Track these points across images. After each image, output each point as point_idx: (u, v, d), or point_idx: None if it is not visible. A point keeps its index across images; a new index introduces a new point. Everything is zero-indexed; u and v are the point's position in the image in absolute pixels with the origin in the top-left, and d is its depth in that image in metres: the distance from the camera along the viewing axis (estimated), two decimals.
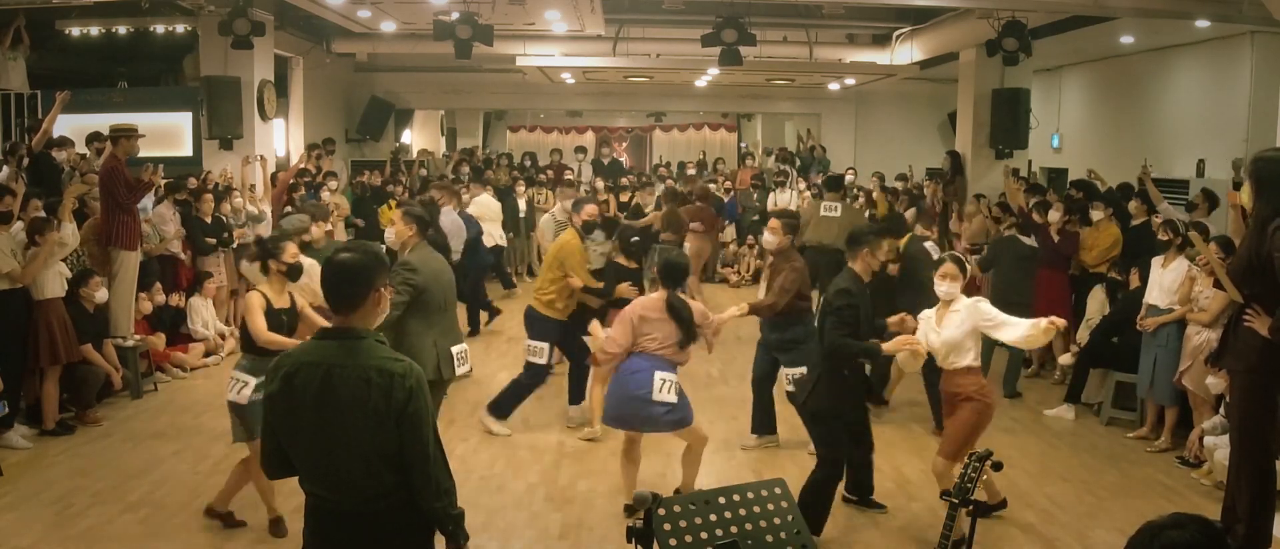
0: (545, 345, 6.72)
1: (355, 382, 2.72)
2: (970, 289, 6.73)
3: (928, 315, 5.02)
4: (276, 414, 2.83)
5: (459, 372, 5.47)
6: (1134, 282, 7.35)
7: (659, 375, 4.99)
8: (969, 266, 5.64)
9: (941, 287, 4.97)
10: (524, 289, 11.96)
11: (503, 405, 6.78)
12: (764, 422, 6.55)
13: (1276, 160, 4.33)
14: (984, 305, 4.92)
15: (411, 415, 2.73)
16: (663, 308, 5.09)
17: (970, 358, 4.87)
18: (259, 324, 4.73)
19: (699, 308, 5.26)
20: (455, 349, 5.40)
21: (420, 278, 5.28)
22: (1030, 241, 8.19)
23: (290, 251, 4.98)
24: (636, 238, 7.07)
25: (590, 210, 7.17)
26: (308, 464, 2.82)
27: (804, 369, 5.82)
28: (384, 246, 6.81)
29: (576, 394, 7.00)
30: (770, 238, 6.25)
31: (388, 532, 2.81)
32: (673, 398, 5.03)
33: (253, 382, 4.68)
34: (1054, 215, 8.30)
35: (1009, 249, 8.18)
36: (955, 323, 4.87)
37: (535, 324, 6.78)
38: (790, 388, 5.99)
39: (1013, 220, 8.57)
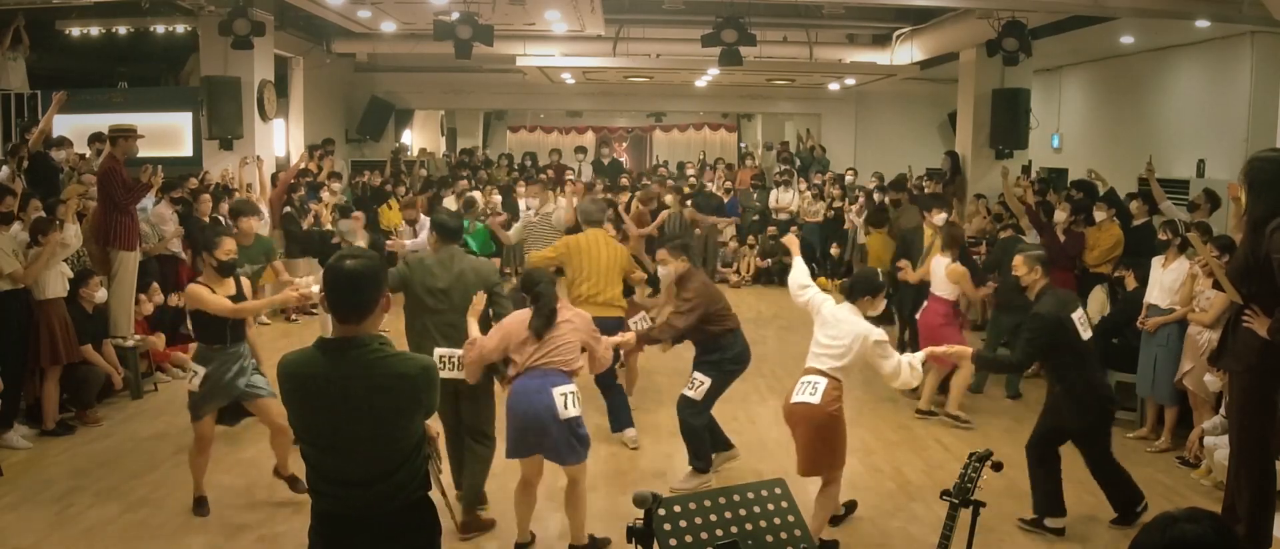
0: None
1: (366, 391, 2.72)
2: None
3: None
4: (293, 422, 2.89)
5: None
6: (1130, 282, 7.35)
7: (557, 390, 4.48)
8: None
9: None
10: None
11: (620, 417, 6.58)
12: (714, 439, 5.98)
13: (1271, 162, 4.34)
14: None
15: (429, 407, 2.86)
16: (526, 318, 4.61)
17: None
18: (217, 301, 5.00)
19: (584, 317, 4.81)
20: None
21: None
22: (1032, 241, 8.18)
23: (226, 247, 5.19)
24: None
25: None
26: (320, 465, 2.83)
27: (709, 380, 5.60)
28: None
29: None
30: (664, 270, 5.78)
31: (396, 534, 2.82)
32: (578, 411, 4.55)
33: (202, 371, 5.12)
34: (1060, 215, 8.29)
35: (1013, 251, 8.18)
36: None
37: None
38: (687, 391, 5.66)
39: (1011, 221, 8.58)
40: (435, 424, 3.34)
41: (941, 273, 7.25)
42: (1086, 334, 5.08)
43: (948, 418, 7.04)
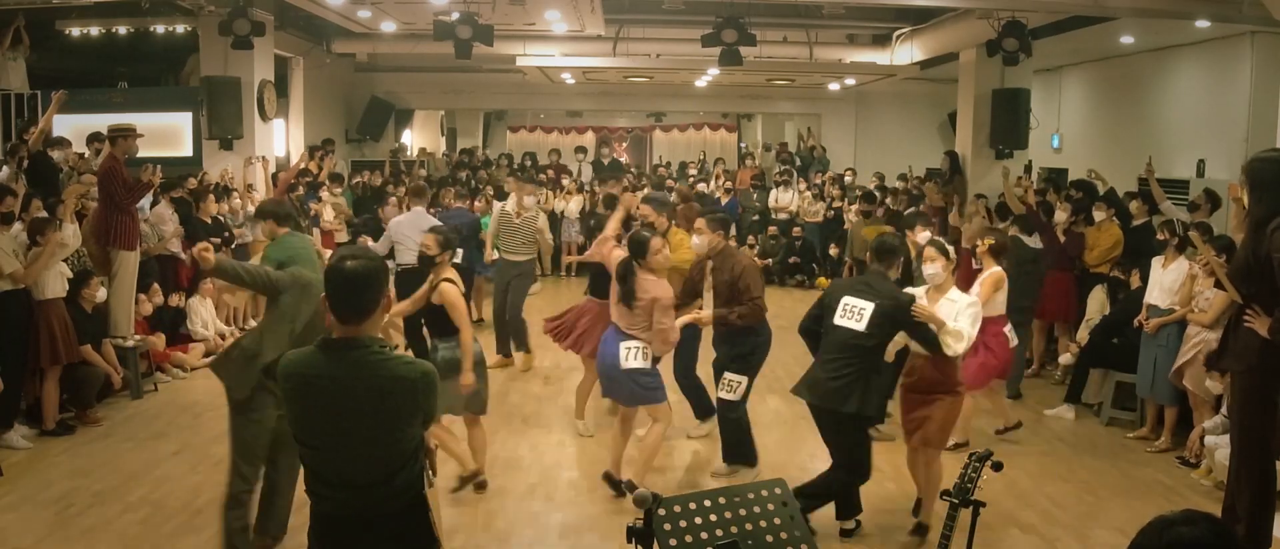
0: None
1: (366, 393, 2.72)
2: (969, 278, 6.75)
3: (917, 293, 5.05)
4: (292, 424, 2.88)
5: None
6: (1134, 282, 7.35)
7: (624, 344, 5.31)
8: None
9: (928, 269, 5.05)
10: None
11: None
12: (744, 450, 5.98)
13: (1272, 162, 4.35)
14: (977, 309, 4.96)
15: (428, 412, 2.88)
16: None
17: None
18: (465, 311, 5.29)
19: (664, 290, 5.30)
20: None
21: None
22: (1034, 242, 8.18)
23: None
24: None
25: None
26: (319, 467, 2.83)
27: (745, 378, 5.74)
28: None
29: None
30: (699, 241, 5.77)
31: (394, 536, 2.82)
32: (642, 363, 5.32)
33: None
34: (1060, 216, 8.28)
35: (1013, 252, 8.17)
36: (951, 314, 4.87)
37: None
38: (726, 395, 5.75)
39: (1010, 222, 8.57)
40: (435, 434, 3.35)
41: (988, 289, 6.21)
42: (845, 322, 4.70)
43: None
